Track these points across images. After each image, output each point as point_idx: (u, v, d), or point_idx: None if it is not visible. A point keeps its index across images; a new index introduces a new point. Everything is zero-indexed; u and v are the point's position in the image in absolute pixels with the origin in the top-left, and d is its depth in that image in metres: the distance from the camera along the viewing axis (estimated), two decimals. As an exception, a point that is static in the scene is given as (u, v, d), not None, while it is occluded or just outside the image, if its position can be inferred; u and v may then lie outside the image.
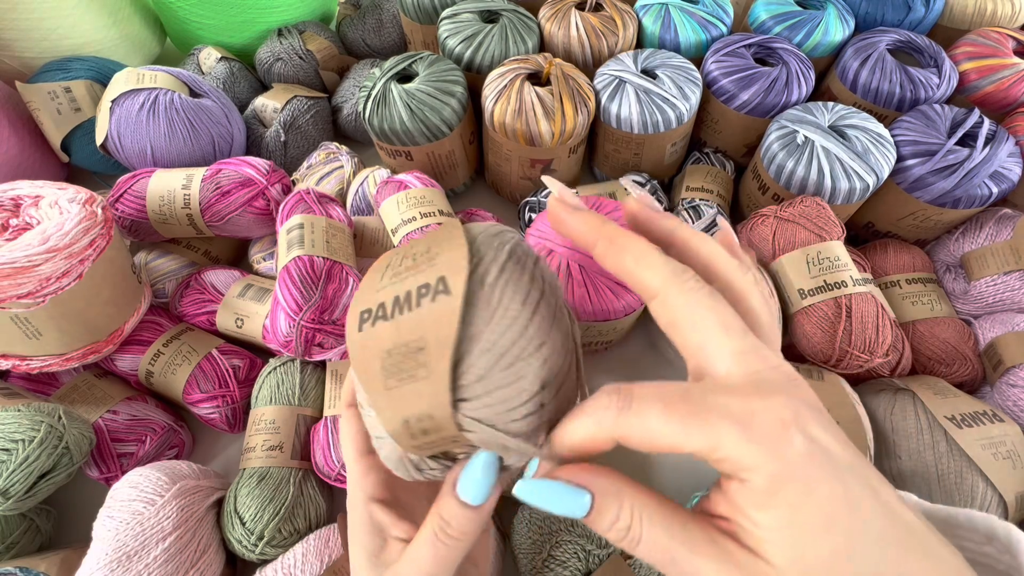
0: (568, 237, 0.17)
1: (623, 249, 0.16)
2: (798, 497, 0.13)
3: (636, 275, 0.16)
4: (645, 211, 0.18)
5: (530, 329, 0.16)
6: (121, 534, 0.30)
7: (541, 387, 0.16)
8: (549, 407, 0.16)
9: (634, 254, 0.16)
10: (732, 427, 0.14)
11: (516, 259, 0.17)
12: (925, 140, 0.42)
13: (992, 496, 0.32)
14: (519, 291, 0.16)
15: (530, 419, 0.16)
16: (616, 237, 0.16)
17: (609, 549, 0.33)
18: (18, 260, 0.31)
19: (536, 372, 0.16)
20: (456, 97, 0.45)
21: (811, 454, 0.13)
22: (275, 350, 0.39)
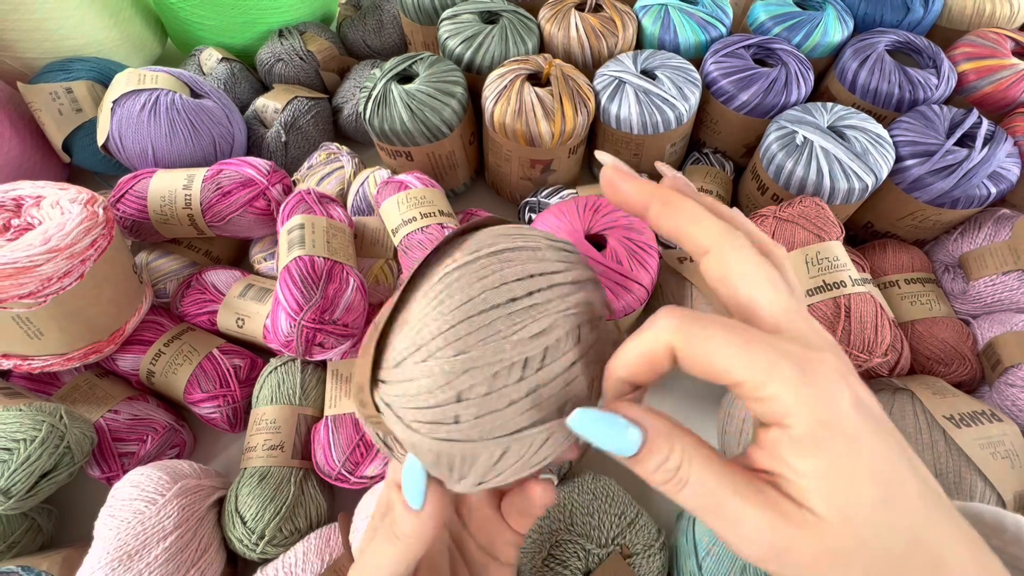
0: (622, 202, 0.17)
1: (678, 209, 0.16)
2: (844, 446, 0.13)
3: (690, 232, 0.16)
4: (621, 172, 0.18)
5: (455, 332, 0.15)
6: (122, 533, 0.30)
7: (456, 399, 0.15)
8: (471, 428, 0.15)
9: (687, 214, 0.16)
10: (790, 366, 0.14)
11: (486, 263, 0.16)
12: (924, 140, 0.42)
13: (991, 496, 0.32)
14: (463, 292, 0.15)
15: (434, 428, 0.15)
16: (670, 199, 0.16)
17: (609, 549, 0.34)
18: (20, 260, 0.32)
19: (448, 377, 0.15)
20: (456, 98, 0.45)
21: (858, 408, 0.14)
22: (276, 350, 0.39)
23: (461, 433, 0.15)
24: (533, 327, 0.16)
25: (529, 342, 0.15)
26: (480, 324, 0.15)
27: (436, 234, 0.40)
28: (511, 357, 0.15)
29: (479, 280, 0.16)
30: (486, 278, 0.16)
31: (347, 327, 0.37)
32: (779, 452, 0.14)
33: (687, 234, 0.16)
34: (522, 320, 0.16)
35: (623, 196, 0.17)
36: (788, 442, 0.14)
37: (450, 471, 0.16)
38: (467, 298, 0.15)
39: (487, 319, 0.15)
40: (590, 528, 0.34)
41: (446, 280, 0.16)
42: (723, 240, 0.16)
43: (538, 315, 0.16)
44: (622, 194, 0.17)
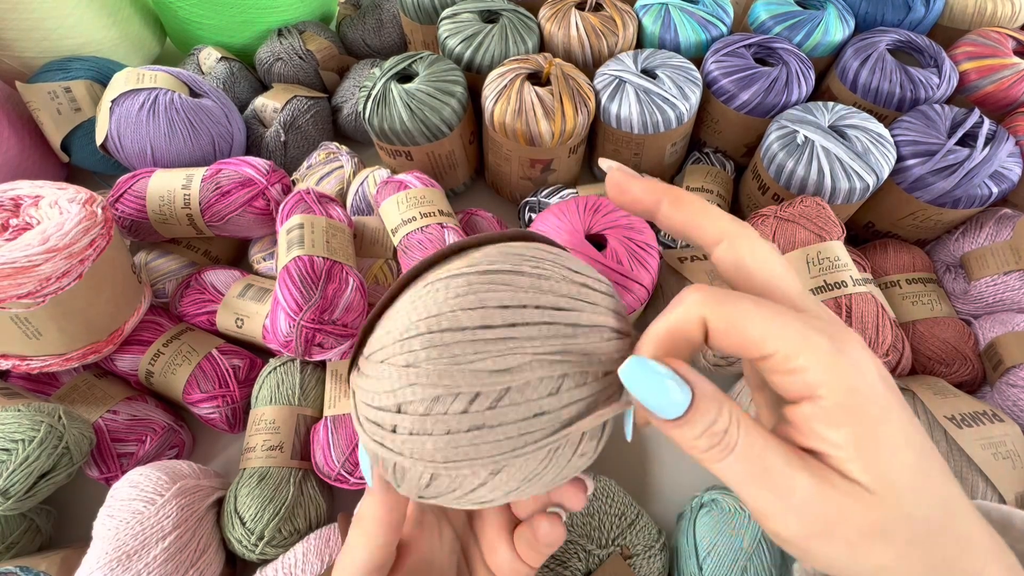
0: (630, 202, 0.17)
1: (688, 204, 0.17)
2: (878, 414, 0.13)
3: (702, 224, 0.17)
4: (626, 175, 0.18)
5: (411, 343, 0.14)
6: (121, 533, 0.30)
7: (397, 408, 0.14)
8: (403, 442, 0.15)
9: (698, 208, 0.17)
10: (821, 337, 0.14)
11: (474, 280, 0.15)
12: (925, 140, 0.42)
13: (992, 496, 0.32)
14: (436, 305, 0.15)
15: (373, 429, 0.15)
16: (679, 195, 0.17)
17: (609, 549, 0.33)
18: (18, 260, 0.31)
19: (393, 384, 0.14)
20: (456, 97, 0.45)
21: (884, 379, 0.14)
22: (275, 350, 0.39)
23: (394, 444, 0.15)
24: (497, 362, 0.14)
25: (487, 376, 0.14)
26: (438, 342, 0.14)
27: (436, 234, 0.40)
28: (459, 386, 0.14)
29: (457, 297, 0.15)
30: (464, 296, 0.15)
31: (346, 327, 0.37)
32: (811, 426, 0.14)
33: (700, 226, 0.16)
34: (486, 351, 0.14)
35: (632, 196, 0.17)
36: (820, 414, 0.13)
37: (386, 473, 0.16)
38: (436, 311, 0.15)
39: (447, 339, 0.14)
40: (590, 528, 0.34)
41: (430, 288, 0.15)
42: (735, 229, 0.16)
43: (509, 350, 0.14)
44: (630, 195, 0.17)
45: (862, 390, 0.13)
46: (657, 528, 0.35)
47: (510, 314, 0.14)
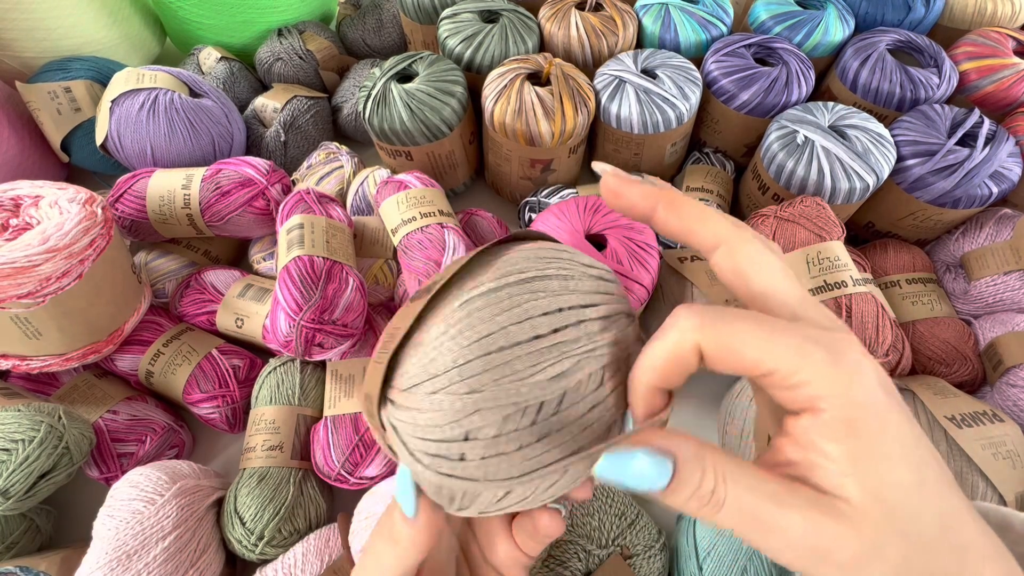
0: (626, 208, 0.17)
1: (685, 208, 0.16)
2: (877, 427, 0.13)
3: (699, 229, 0.16)
4: (620, 179, 0.18)
5: (470, 367, 0.14)
6: (121, 533, 0.30)
7: (464, 437, 0.14)
8: (476, 468, 0.15)
9: (695, 212, 0.16)
10: (819, 350, 0.13)
11: (513, 293, 0.15)
12: (925, 140, 0.42)
13: (992, 496, 0.32)
14: (484, 325, 0.15)
15: (438, 462, 0.15)
16: (675, 199, 0.16)
17: (609, 549, 0.33)
18: (18, 260, 0.31)
19: (457, 415, 0.14)
20: (456, 97, 0.45)
21: (883, 387, 0.14)
22: (275, 350, 0.39)
23: (465, 472, 0.15)
24: (554, 368, 0.15)
25: (547, 384, 0.14)
26: (498, 362, 0.14)
27: (436, 234, 0.40)
28: (526, 400, 0.14)
29: (503, 312, 0.15)
30: (510, 311, 0.15)
31: (346, 327, 0.37)
32: (810, 438, 0.14)
33: (696, 231, 0.16)
34: (543, 360, 0.15)
35: (628, 201, 0.17)
36: (820, 427, 0.13)
37: (450, 502, 0.16)
38: (487, 332, 0.15)
39: (506, 357, 0.14)
40: (590, 529, 0.34)
41: (468, 308, 0.15)
42: (733, 234, 0.16)
43: (561, 355, 0.15)
44: (626, 199, 0.17)
45: (861, 402, 0.13)
46: (657, 528, 0.35)
47: (554, 319, 0.15)
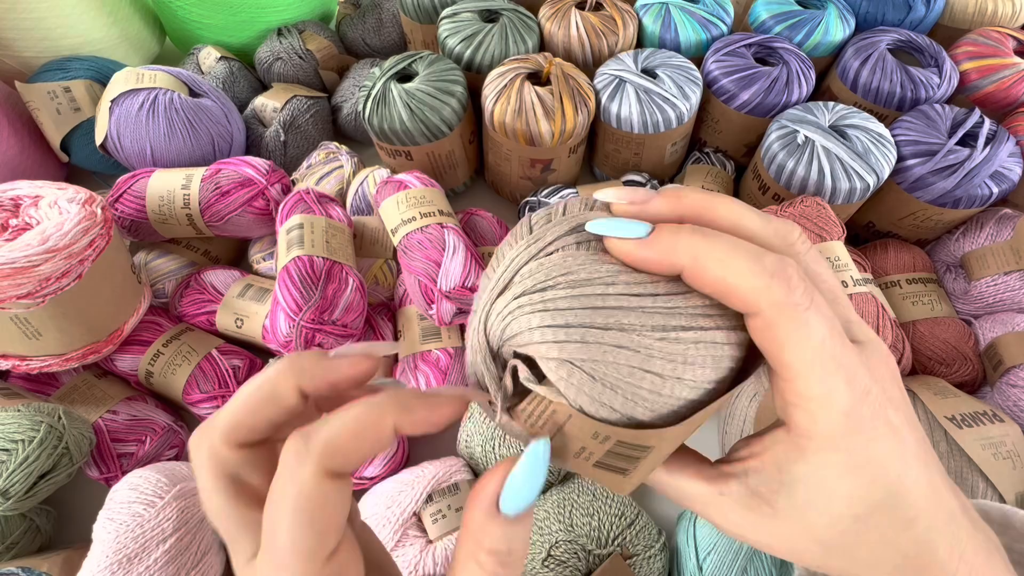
0: (648, 270, 0.14)
1: (710, 261, 0.13)
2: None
3: (730, 291, 0.13)
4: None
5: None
6: (121, 536, 0.30)
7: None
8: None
9: (722, 264, 0.13)
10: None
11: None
12: (926, 140, 0.42)
13: (992, 496, 0.32)
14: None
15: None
16: (698, 251, 0.13)
17: (609, 549, 0.33)
18: (18, 260, 0.31)
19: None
20: (456, 97, 0.45)
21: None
22: (275, 350, 0.39)
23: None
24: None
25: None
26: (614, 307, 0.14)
27: (436, 234, 0.40)
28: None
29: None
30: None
31: (346, 327, 0.37)
32: (778, 456, 0.15)
33: (727, 294, 0.13)
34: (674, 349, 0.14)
35: (647, 267, 0.14)
36: (792, 451, 0.14)
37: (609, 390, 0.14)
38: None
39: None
40: (590, 528, 0.34)
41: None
42: (771, 302, 0.13)
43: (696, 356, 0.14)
44: (644, 265, 0.14)
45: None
46: (657, 528, 0.35)
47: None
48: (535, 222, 0.16)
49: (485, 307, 0.15)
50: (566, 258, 0.14)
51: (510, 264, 0.15)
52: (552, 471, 0.36)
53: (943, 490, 0.14)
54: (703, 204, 0.14)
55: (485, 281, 0.16)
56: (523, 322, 0.14)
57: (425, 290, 0.38)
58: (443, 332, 0.41)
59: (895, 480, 0.14)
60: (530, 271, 0.14)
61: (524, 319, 0.14)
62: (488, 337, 0.15)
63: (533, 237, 0.15)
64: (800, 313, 0.13)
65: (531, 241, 0.15)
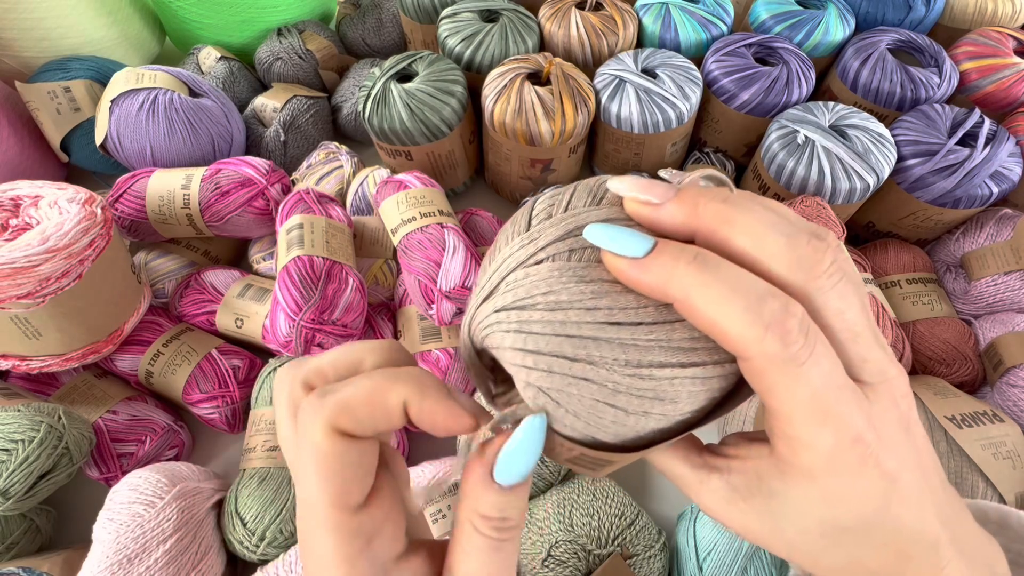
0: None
1: (698, 303, 0.12)
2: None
3: (720, 331, 0.12)
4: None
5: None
6: (121, 537, 0.30)
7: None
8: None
9: (711, 306, 0.12)
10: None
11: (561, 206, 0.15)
12: (926, 140, 0.42)
13: (992, 496, 0.32)
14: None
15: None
16: (688, 289, 0.12)
17: (609, 549, 0.33)
18: (18, 260, 0.31)
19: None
20: (456, 97, 0.45)
21: None
22: (275, 350, 0.39)
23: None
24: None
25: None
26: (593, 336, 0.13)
27: (436, 234, 0.40)
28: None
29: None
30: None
31: (346, 327, 0.37)
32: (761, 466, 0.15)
33: (717, 336, 0.13)
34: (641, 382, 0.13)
35: (638, 290, 0.13)
36: (774, 468, 0.15)
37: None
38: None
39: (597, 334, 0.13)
40: (590, 528, 0.34)
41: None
42: (759, 350, 0.12)
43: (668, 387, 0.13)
44: (635, 288, 0.13)
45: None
46: (657, 528, 0.35)
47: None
48: (536, 214, 0.15)
49: (472, 308, 0.15)
50: (552, 271, 0.14)
51: (499, 267, 0.15)
52: (552, 471, 0.36)
53: (929, 523, 0.14)
54: (720, 220, 0.13)
55: (481, 271, 0.16)
56: (498, 339, 0.14)
57: (425, 290, 0.38)
58: (443, 332, 0.41)
59: (871, 514, 0.14)
60: (515, 281, 0.14)
61: (499, 336, 0.14)
62: (472, 338, 0.15)
63: (528, 236, 0.15)
64: (792, 368, 0.12)
65: (525, 241, 0.14)
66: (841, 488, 0.13)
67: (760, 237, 0.13)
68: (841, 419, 0.13)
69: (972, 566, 0.14)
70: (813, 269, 0.13)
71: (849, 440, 0.13)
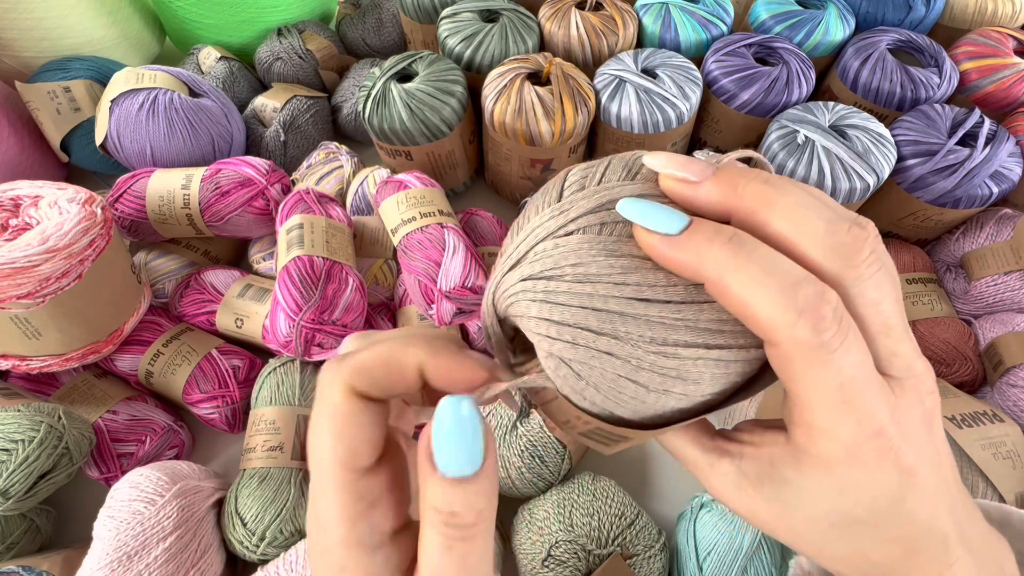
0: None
1: (732, 283, 0.12)
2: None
3: (750, 313, 0.12)
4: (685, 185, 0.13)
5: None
6: (122, 534, 0.30)
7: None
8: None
9: (745, 285, 0.12)
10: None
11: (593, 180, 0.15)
12: (926, 140, 0.42)
13: (992, 496, 0.32)
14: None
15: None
16: (722, 266, 0.12)
17: (609, 549, 0.33)
18: (18, 260, 0.31)
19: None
20: (456, 97, 0.45)
21: None
22: (275, 350, 0.39)
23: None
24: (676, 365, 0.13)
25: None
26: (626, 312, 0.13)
27: (436, 234, 0.40)
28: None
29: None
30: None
31: (346, 327, 0.37)
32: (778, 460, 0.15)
33: (747, 319, 0.12)
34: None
35: (669, 268, 0.13)
36: (790, 456, 0.14)
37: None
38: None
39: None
40: (590, 528, 0.34)
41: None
42: (790, 335, 0.12)
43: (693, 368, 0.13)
44: (666, 266, 0.13)
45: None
46: (657, 528, 0.35)
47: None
48: (568, 184, 0.15)
49: (498, 277, 0.15)
50: (582, 244, 0.13)
51: (528, 236, 0.14)
52: (552, 471, 0.36)
53: (941, 519, 0.14)
54: (761, 201, 0.13)
55: (507, 240, 0.16)
56: (523, 307, 0.14)
57: (425, 290, 0.38)
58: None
59: (884, 508, 0.14)
60: (544, 251, 0.14)
61: (525, 304, 0.14)
62: (495, 307, 0.15)
63: (559, 208, 0.14)
64: (823, 355, 0.12)
65: (556, 212, 0.14)
66: (856, 480, 0.13)
67: (799, 221, 0.12)
68: (865, 411, 0.13)
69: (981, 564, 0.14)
70: (852, 257, 0.12)
71: (870, 433, 0.13)
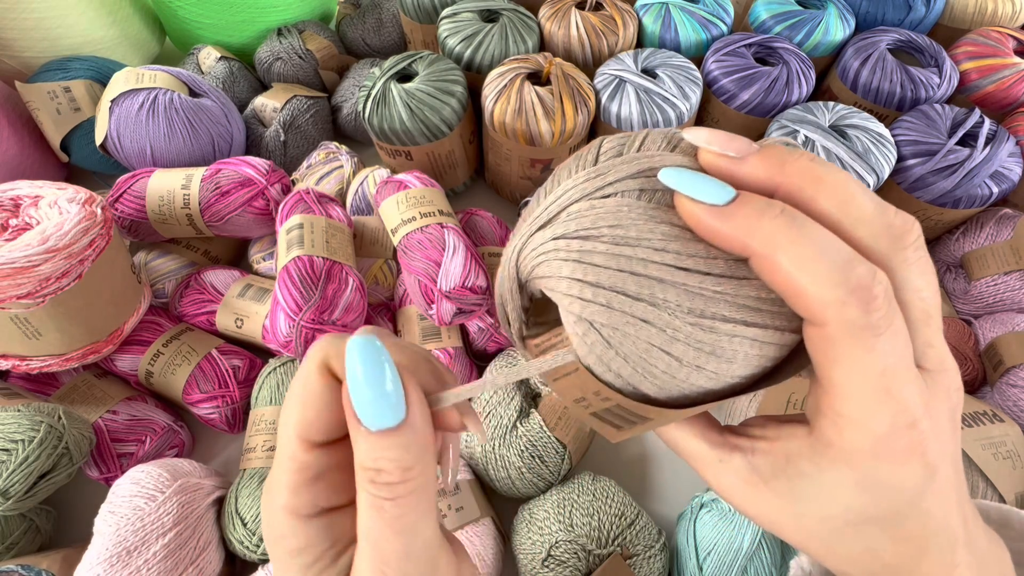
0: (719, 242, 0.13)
1: (781, 258, 0.12)
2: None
3: (797, 292, 0.12)
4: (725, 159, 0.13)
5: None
6: (122, 529, 0.30)
7: None
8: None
9: (794, 263, 0.11)
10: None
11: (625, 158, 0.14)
12: (926, 140, 0.42)
13: (992, 496, 0.32)
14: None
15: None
16: (774, 238, 0.12)
17: (609, 549, 0.33)
18: (17, 260, 0.31)
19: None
20: (456, 97, 0.45)
21: None
22: (275, 350, 0.39)
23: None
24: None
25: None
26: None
27: (436, 234, 0.40)
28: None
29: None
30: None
31: (346, 327, 0.37)
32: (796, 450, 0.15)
33: (793, 296, 0.12)
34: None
35: (714, 241, 0.12)
36: (815, 449, 0.14)
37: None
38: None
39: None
40: (590, 528, 0.34)
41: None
42: (839, 315, 0.11)
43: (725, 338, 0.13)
44: (711, 237, 0.12)
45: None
46: (657, 528, 0.35)
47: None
48: (604, 151, 0.14)
49: (523, 237, 0.14)
50: (621, 207, 0.13)
51: (561, 196, 0.14)
52: (552, 471, 0.36)
53: (953, 520, 0.14)
54: (809, 178, 0.12)
55: (533, 204, 0.15)
56: (554, 267, 0.13)
57: (425, 290, 0.38)
58: (443, 332, 0.41)
59: (904, 505, 0.13)
60: (579, 211, 0.13)
61: (556, 264, 0.13)
62: (519, 268, 0.15)
63: (595, 171, 0.13)
64: (869, 338, 0.11)
65: (591, 175, 0.13)
66: (880, 475, 0.13)
67: (848, 200, 0.12)
68: (903, 401, 0.12)
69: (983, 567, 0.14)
70: (902, 239, 0.12)
71: (905, 424, 0.12)
